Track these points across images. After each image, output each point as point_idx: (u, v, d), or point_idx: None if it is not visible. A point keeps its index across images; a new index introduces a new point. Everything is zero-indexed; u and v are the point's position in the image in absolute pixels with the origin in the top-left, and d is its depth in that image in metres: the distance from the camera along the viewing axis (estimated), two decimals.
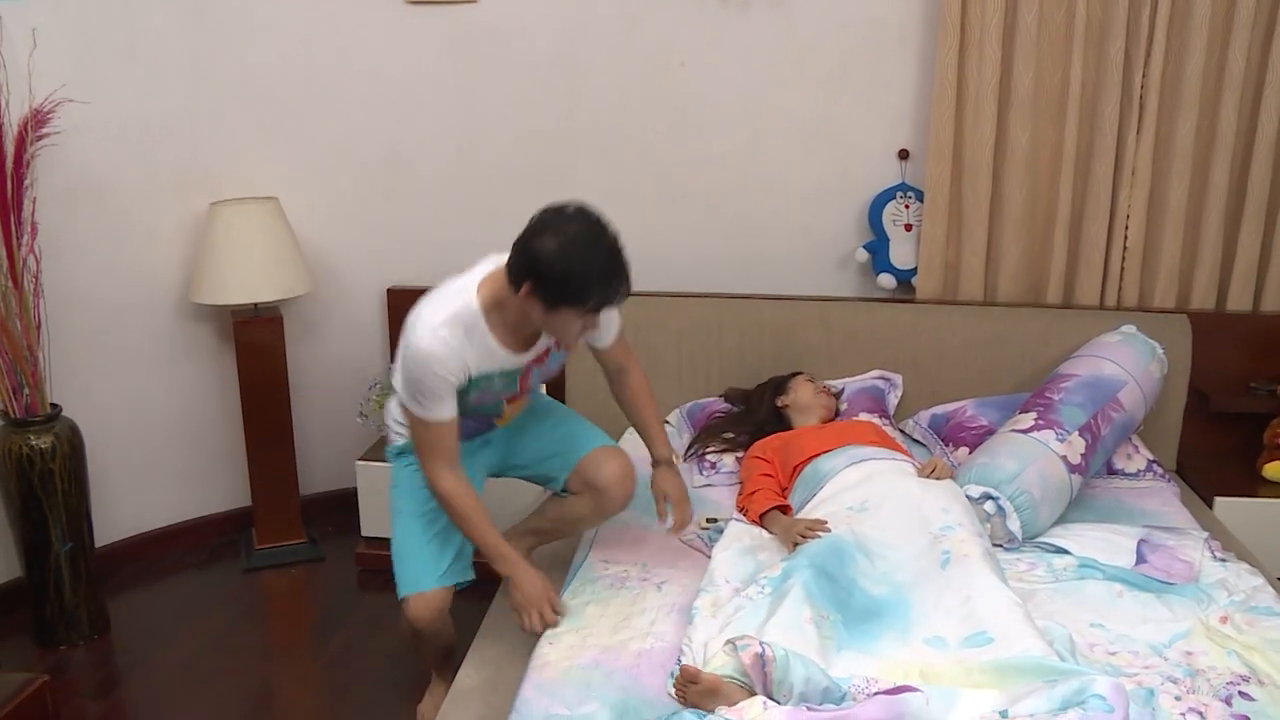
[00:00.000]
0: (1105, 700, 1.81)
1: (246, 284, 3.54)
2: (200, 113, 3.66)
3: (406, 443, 2.55)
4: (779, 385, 3.33)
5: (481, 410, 2.53)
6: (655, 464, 2.72)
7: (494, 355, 2.34)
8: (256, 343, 3.69)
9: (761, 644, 2.03)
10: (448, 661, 2.76)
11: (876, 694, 1.96)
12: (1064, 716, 1.78)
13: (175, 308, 3.75)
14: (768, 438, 3.14)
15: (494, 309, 2.31)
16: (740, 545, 2.63)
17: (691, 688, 2.04)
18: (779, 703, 1.98)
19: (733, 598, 2.35)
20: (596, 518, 2.71)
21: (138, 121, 3.56)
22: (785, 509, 2.79)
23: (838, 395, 3.38)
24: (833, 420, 3.28)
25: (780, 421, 3.25)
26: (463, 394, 2.36)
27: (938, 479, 2.80)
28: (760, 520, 2.78)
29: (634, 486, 2.66)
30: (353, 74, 3.78)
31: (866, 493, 2.70)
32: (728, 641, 2.10)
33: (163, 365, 3.78)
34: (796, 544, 2.53)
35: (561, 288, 2.15)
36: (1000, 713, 1.90)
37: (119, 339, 3.66)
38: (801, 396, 3.26)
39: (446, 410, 2.32)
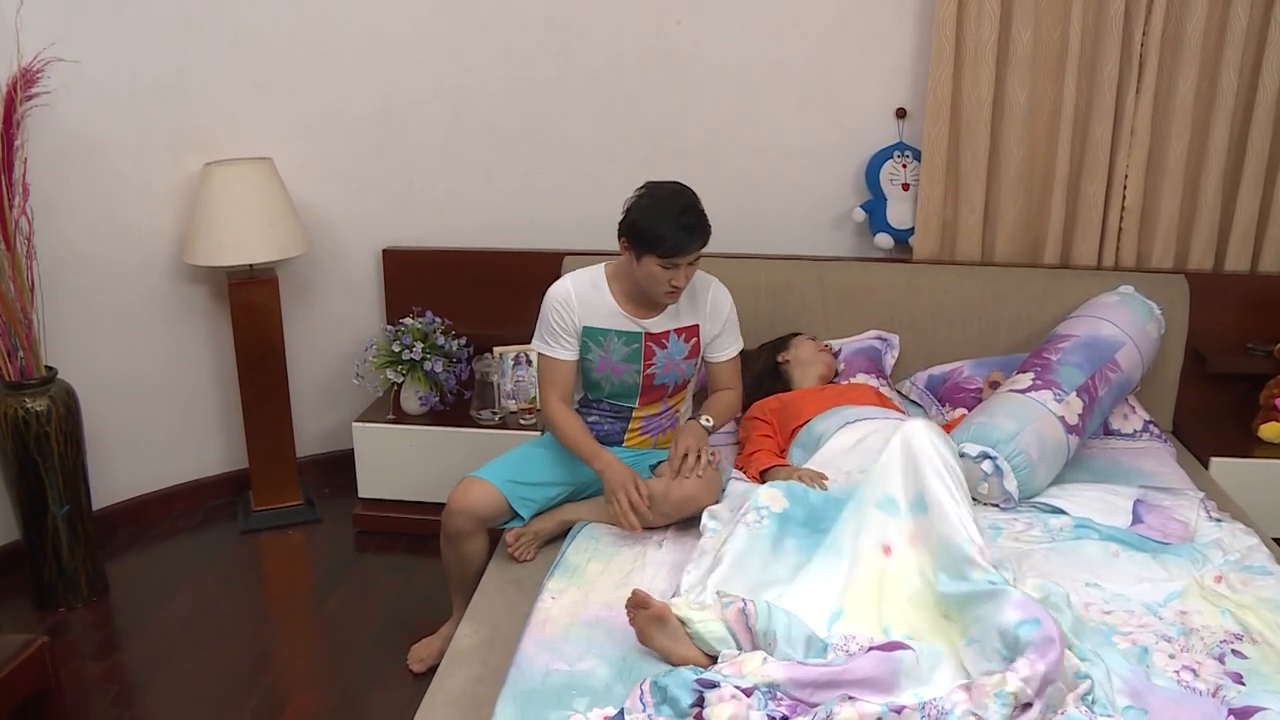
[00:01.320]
0: (1028, 623, 1.95)
1: (241, 245, 3.52)
2: (192, 71, 3.62)
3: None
4: (780, 343, 3.33)
5: (612, 395, 2.80)
6: (689, 420, 2.83)
7: (609, 309, 2.73)
8: (252, 304, 3.68)
9: (744, 600, 2.11)
10: (466, 596, 2.81)
11: (871, 649, 2.02)
12: (1015, 665, 1.88)
13: (170, 269, 3.73)
14: (765, 399, 3.14)
15: (615, 277, 2.77)
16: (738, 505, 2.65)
17: (641, 612, 2.11)
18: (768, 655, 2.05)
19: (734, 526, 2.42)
20: (665, 502, 2.64)
21: (129, 81, 3.52)
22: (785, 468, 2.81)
23: (837, 355, 3.38)
24: (832, 380, 3.29)
25: (778, 379, 3.25)
26: (586, 354, 2.74)
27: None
28: (761, 478, 2.80)
29: (717, 493, 2.69)
30: (346, 32, 3.74)
31: (860, 456, 2.71)
32: (717, 592, 2.17)
33: (158, 327, 3.76)
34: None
35: (641, 235, 2.56)
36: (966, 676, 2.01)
37: (114, 301, 3.64)
38: (803, 353, 3.27)
39: (561, 351, 2.74)
